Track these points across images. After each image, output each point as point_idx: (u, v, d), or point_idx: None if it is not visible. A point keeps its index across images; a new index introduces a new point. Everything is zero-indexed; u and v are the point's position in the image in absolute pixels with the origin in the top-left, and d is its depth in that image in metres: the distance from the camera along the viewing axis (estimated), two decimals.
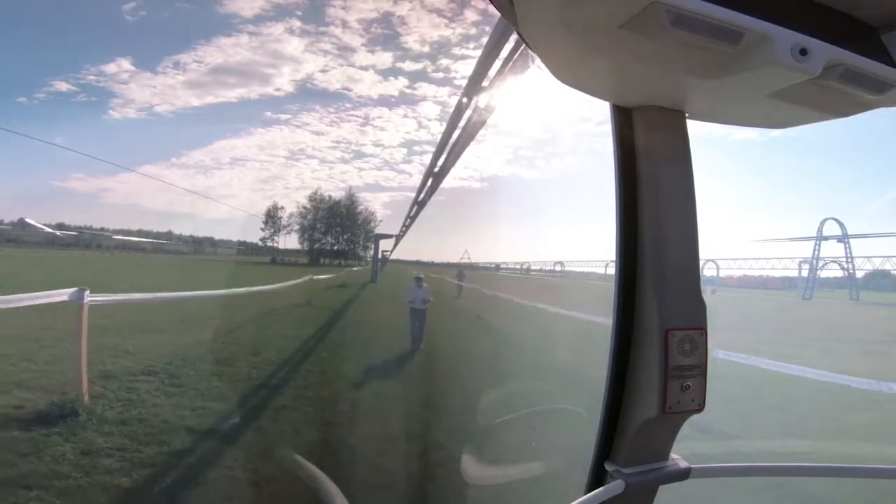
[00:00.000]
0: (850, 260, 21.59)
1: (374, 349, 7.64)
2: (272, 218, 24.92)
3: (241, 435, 4.10)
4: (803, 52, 0.83)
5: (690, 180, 1.17)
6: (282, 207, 25.31)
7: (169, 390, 4.86)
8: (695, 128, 1.20)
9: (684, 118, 1.17)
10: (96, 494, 3.01)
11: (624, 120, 1.19)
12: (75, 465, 3.28)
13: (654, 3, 0.77)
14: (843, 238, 21.85)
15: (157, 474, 3.34)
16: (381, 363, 6.76)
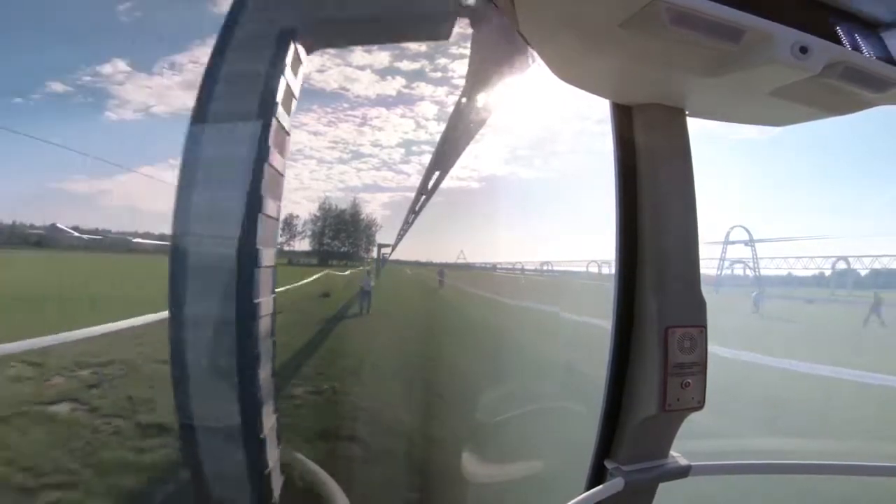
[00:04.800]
0: (755, 262, 25.02)
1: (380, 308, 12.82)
2: (288, 225, 28.11)
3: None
4: (804, 50, 0.83)
5: (690, 178, 1.17)
6: (297, 216, 27.83)
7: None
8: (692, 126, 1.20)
9: (684, 116, 1.17)
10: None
11: (624, 118, 1.19)
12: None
13: (654, 2, 0.77)
14: (750, 242, 25.12)
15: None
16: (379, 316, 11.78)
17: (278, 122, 3.27)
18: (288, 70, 3.32)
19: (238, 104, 3.16)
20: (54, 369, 4.98)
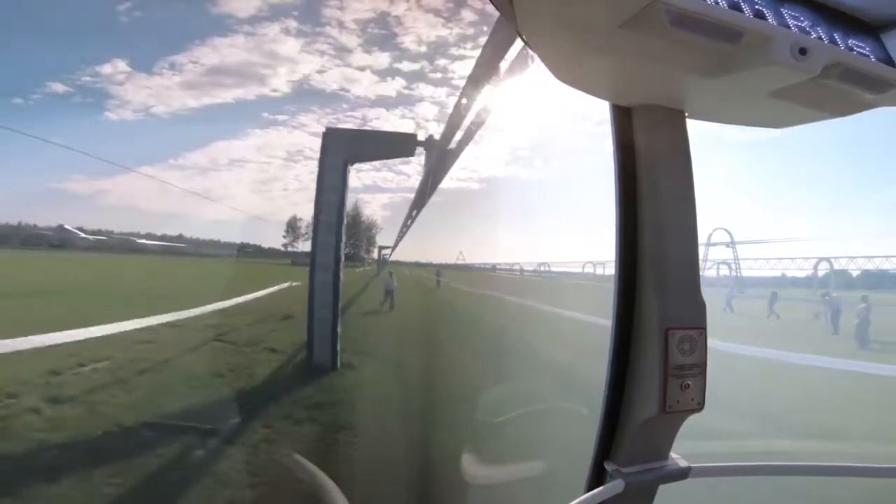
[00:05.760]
0: (736, 263, 26.99)
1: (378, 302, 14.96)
2: (292, 227, 29.80)
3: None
4: (803, 51, 0.83)
5: (690, 179, 1.17)
6: (301, 218, 29.32)
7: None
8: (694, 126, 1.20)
9: (684, 117, 1.17)
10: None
11: (623, 119, 1.19)
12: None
13: (653, 3, 0.77)
14: (731, 244, 26.72)
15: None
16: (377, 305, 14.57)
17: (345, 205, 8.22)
18: (348, 178, 8.16)
19: (332, 196, 7.89)
20: (196, 329, 8.98)
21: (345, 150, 8.05)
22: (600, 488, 1.12)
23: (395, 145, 9.16)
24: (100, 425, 4.50)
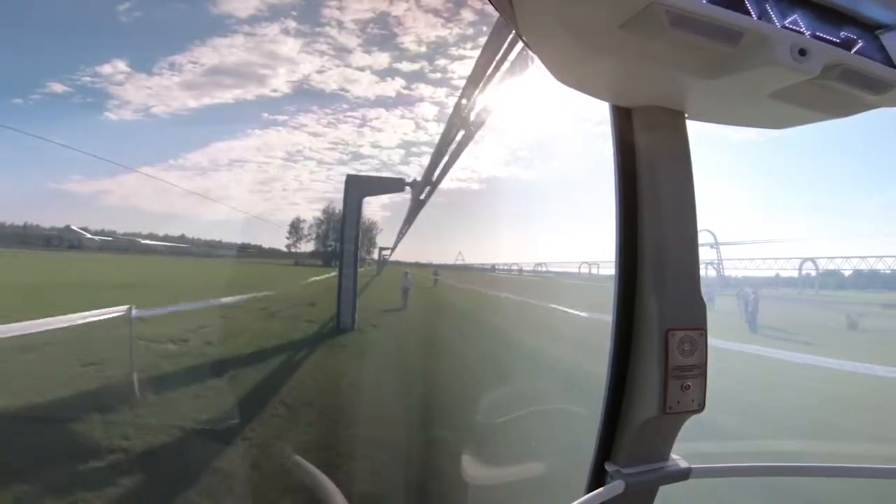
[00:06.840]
0: (720, 262, 28.21)
1: (379, 296, 18.09)
2: (295, 228, 30.65)
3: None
4: (802, 52, 0.83)
5: (690, 180, 1.17)
6: (304, 220, 30.01)
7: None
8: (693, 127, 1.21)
9: (684, 118, 1.17)
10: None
11: (623, 120, 1.18)
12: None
13: (653, 4, 0.77)
14: (715, 245, 27.90)
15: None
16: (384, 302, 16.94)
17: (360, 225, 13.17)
18: (361, 207, 12.97)
19: (352, 219, 12.58)
20: (251, 310, 12.72)
21: (359, 189, 12.65)
22: (601, 489, 1.12)
23: (391, 185, 14.42)
24: (237, 354, 8.26)
